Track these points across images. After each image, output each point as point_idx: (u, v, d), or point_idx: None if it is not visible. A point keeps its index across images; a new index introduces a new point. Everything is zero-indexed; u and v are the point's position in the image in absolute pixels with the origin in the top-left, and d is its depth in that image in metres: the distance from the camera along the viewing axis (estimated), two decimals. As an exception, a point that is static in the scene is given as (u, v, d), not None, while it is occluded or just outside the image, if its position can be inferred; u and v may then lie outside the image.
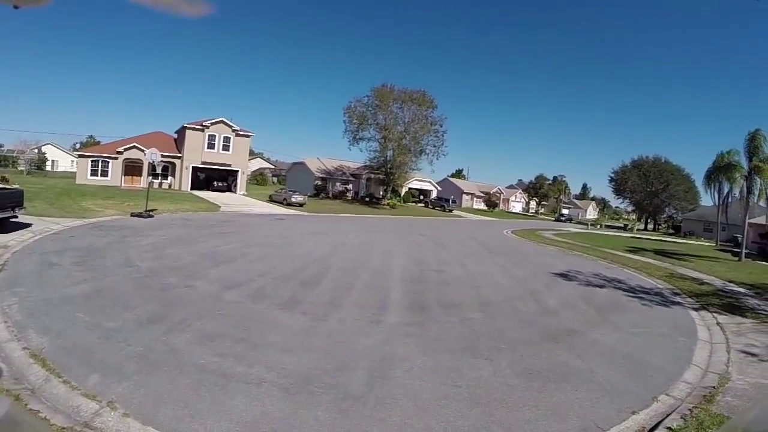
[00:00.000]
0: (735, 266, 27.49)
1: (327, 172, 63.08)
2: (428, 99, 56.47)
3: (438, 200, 71.60)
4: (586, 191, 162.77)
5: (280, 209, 39.45)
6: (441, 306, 10.67)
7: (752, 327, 12.29)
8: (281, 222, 28.54)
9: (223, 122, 48.89)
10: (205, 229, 21.00)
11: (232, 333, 7.49)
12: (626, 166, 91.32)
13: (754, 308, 14.77)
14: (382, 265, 15.61)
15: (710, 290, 17.60)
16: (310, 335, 7.76)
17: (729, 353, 9.64)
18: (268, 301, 9.67)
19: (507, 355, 7.61)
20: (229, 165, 49.73)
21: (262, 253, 15.67)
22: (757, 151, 30.87)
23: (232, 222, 25.53)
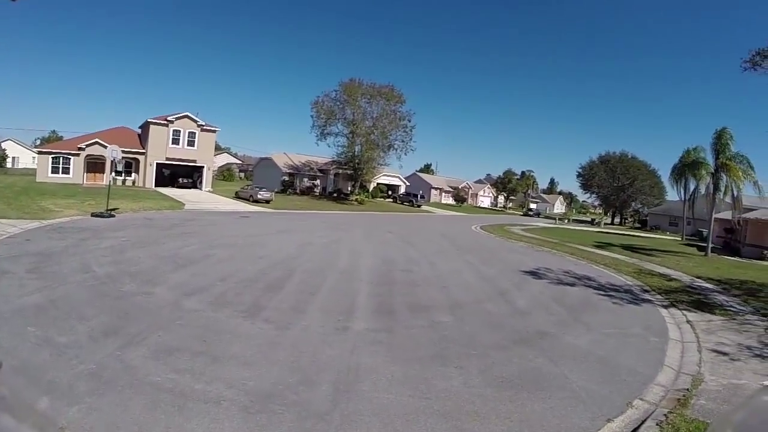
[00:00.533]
0: (702, 261, 28.23)
1: (294, 167, 62.52)
2: (397, 94, 56.92)
3: (406, 195, 71.89)
4: (554, 185, 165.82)
5: (246, 206, 38.85)
6: (409, 309, 10.43)
7: (722, 325, 12.47)
8: (246, 220, 27.90)
9: (188, 117, 48.02)
10: (167, 229, 20.29)
11: (191, 346, 7.07)
12: (594, 161, 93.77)
13: (722, 305, 15.05)
14: (350, 265, 15.30)
15: (679, 287, 17.91)
16: (274, 346, 7.39)
17: (700, 353, 9.71)
18: (230, 308, 9.24)
19: (478, 362, 7.41)
20: (194, 161, 48.97)
21: (225, 254, 15.15)
22: (724, 149, 31.96)
23: (196, 221, 24.80)
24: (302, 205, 46.03)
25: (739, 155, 31.75)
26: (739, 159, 31.58)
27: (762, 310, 14.65)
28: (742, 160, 31.43)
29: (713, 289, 18.20)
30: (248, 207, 38.35)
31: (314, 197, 56.96)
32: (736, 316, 13.66)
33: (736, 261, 31.20)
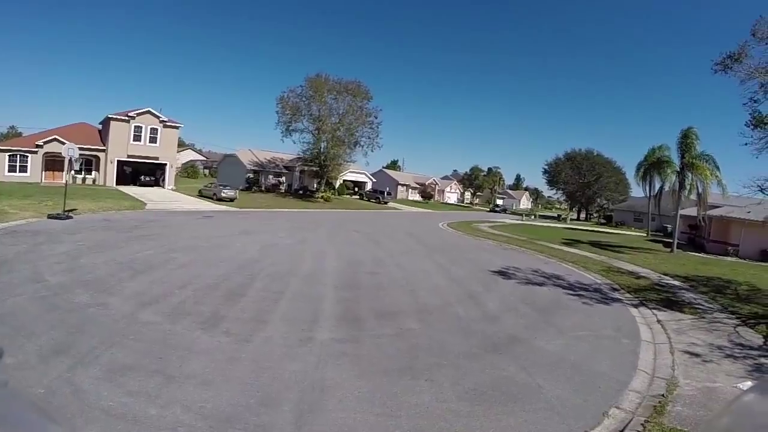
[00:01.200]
0: (668, 258, 28.87)
1: (259, 164, 61.62)
2: (363, 90, 56.71)
3: (373, 192, 71.75)
4: (520, 181, 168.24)
5: (210, 205, 38.01)
6: (376, 316, 10.12)
7: (692, 324, 12.62)
8: (209, 220, 27.05)
9: (150, 112, 46.77)
10: (126, 231, 19.41)
11: (146, 364, 6.58)
12: (560, 158, 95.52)
13: (691, 303, 15.28)
14: (314, 268, 14.89)
15: (647, 284, 18.15)
16: (233, 362, 6.96)
17: (673, 355, 9.74)
18: (188, 319, 8.73)
19: (448, 374, 7.17)
20: (156, 158, 47.78)
21: (185, 259, 14.52)
22: (690, 149, 33.08)
23: (157, 222, 23.87)
24: (267, 203, 45.27)
25: (705, 154, 32.93)
26: (705, 158, 32.66)
27: (730, 308, 14.94)
28: (708, 159, 32.56)
29: (681, 286, 18.52)
30: (212, 206, 37.42)
31: (279, 195, 56.17)
32: (705, 314, 13.86)
33: (701, 257, 32.06)
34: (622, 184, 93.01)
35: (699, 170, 32.47)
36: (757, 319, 13.74)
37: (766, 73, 14.93)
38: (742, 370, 9.18)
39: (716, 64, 15.94)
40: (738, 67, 15.34)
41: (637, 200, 75.01)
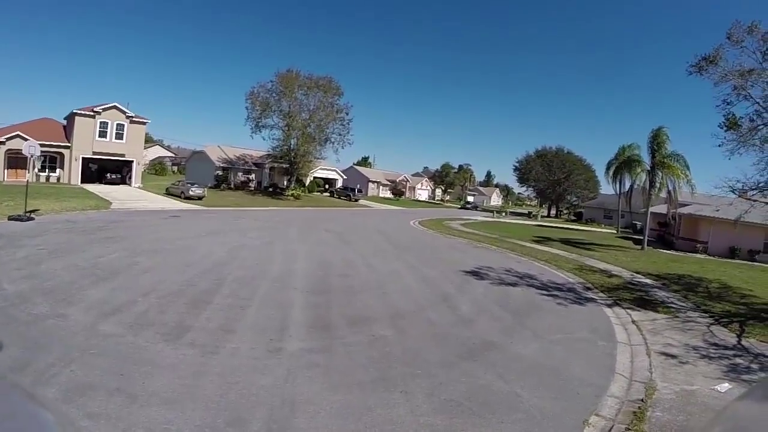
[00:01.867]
0: (639, 255, 29.37)
1: (228, 161, 60.53)
2: (334, 86, 56.26)
3: (344, 189, 71.62)
4: (491, 178, 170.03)
5: (177, 204, 37.20)
6: (348, 322, 9.85)
7: (666, 324, 12.73)
8: (176, 220, 26.27)
9: (116, 108, 45.31)
10: (90, 233, 18.61)
11: (107, 382, 6.14)
12: (530, 155, 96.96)
13: (664, 301, 15.46)
14: (283, 271, 14.51)
15: (620, 283, 18.34)
16: (199, 377, 6.59)
17: (650, 356, 9.77)
18: (152, 330, 8.28)
19: (423, 384, 6.95)
20: (122, 155, 46.46)
21: (150, 263, 13.94)
22: (660, 148, 33.90)
23: (122, 223, 23.03)
24: (236, 201, 44.53)
25: (676, 154, 33.86)
26: (675, 158, 33.54)
27: (702, 307, 15.17)
28: (678, 159, 33.41)
29: (653, 284, 18.77)
30: (179, 205, 36.59)
31: (249, 192, 55.32)
32: (678, 313, 14.03)
33: (671, 254, 32.77)
34: (592, 182, 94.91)
35: (670, 169, 33.37)
36: (729, 317, 13.97)
37: (740, 75, 15.20)
38: (718, 371, 9.25)
39: (691, 66, 16.23)
40: (713, 69, 15.63)
41: (606, 197, 76.47)
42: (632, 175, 37.44)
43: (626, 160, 38.05)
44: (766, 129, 15.62)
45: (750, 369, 9.61)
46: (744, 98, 15.48)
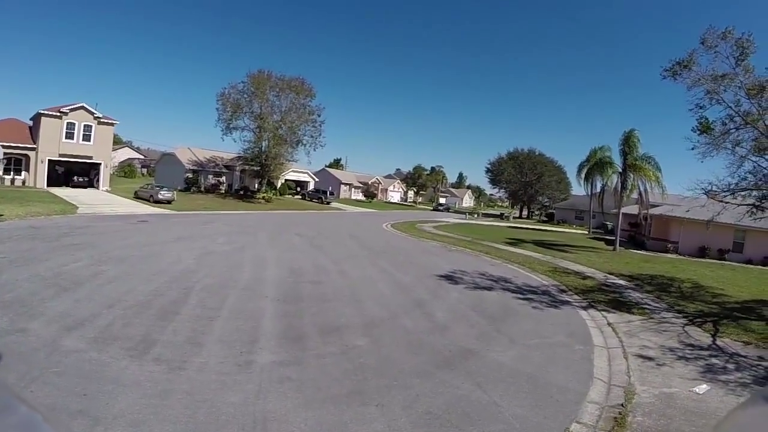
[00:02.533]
0: (611, 256, 29.80)
1: (199, 163, 59.66)
2: (307, 87, 56.37)
3: (315, 192, 71.45)
4: (463, 180, 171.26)
5: (146, 208, 36.63)
6: (320, 332, 9.60)
7: (641, 325, 12.85)
8: (144, 226, 25.54)
9: (83, 108, 44.29)
10: (54, 240, 17.89)
11: (69, 403, 5.77)
12: (502, 157, 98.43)
13: (638, 303, 15.65)
14: (253, 278, 14.17)
15: (594, 285, 18.51)
16: (166, 395, 6.26)
17: (627, 359, 9.81)
18: (116, 345, 7.87)
19: (400, 396, 6.78)
20: (90, 157, 45.43)
21: (116, 271, 13.42)
22: (632, 150, 34.69)
23: (89, 228, 22.28)
24: (206, 204, 43.92)
25: (647, 156, 34.76)
26: (647, 160, 34.40)
27: (676, 307, 15.41)
28: (649, 161, 34.22)
29: (627, 285, 19.02)
30: (148, 209, 35.94)
31: (219, 195, 54.81)
32: (653, 314, 14.20)
33: (643, 254, 33.39)
34: (563, 183, 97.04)
35: (642, 171, 34.29)
36: (703, 317, 14.20)
37: (713, 80, 15.55)
38: (695, 372, 9.35)
39: (665, 70, 16.54)
40: (686, 73, 15.96)
41: (578, 198, 77.78)
42: (604, 177, 38.30)
43: (598, 162, 38.86)
44: (737, 132, 16.00)
45: (726, 369, 9.73)
46: (717, 102, 15.84)
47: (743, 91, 15.25)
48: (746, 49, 14.88)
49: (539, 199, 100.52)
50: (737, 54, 14.98)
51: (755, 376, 9.48)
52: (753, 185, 16.37)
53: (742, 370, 9.71)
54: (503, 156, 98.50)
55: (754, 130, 15.47)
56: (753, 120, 15.31)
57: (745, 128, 15.74)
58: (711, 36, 15.15)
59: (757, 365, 10.22)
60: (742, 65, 15.06)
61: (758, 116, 15.19)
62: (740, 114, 15.57)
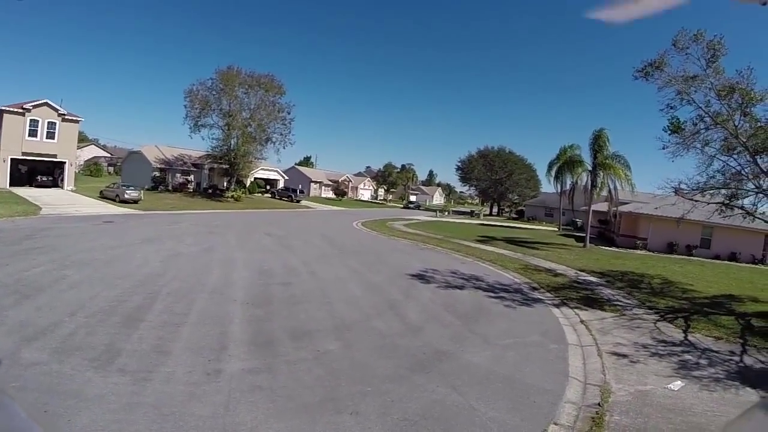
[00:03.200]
0: (582, 253, 30.21)
1: (166, 162, 58.48)
2: (276, 84, 55.91)
3: (285, 190, 71.09)
4: (433, 177, 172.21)
5: (112, 208, 35.67)
6: (291, 336, 9.36)
7: (614, 322, 12.98)
8: (110, 227, 24.75)
9: (47, 105, 42.94)
10: (15, 243, 17.12)
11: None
12: (473, 155, 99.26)
13: (610, 299, 15.82)
14: (222, 281, 13.81)
15: (566, 282, 18.68)
16: (131, 409, 5.92)
17: (601, 357, 9.86)
18: (79, 356, 7.46)
19: (375, 403, 6.62)
20: (54, 155, 44.16)
21: (79, 276, 12.87)
22: (602, 149, 35.50)
23: (52, 230, 21.44)
24: (174, 204, 43.09)
25: (617, 155, 35.65)
26: (616, 158, 35.28)
27: (647, 303, 15.63)
28: (619, 159, 35.03)
29: (598, 282, 19.24)
30: (114, 209, 35.02)
31: (188, 194, 53.83)
32: (625, 311, 14.36)
33: (613, 251, 33.99)
34: (533, 181, 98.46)
35: (611, 169, 35.02)
36: (674, 313, 14.43)
37: (683, 81, 15.93)
38: (669, 368, 9.46)
39: (637, 71, 16.89)
40: (658, 74, 16.33)
41: (548, 196, 78.83)
42: (573, 175, 39.03)
43: (568, 160, 39.58)
44: (707, 132, 16.46)
45: (699, 365, 9.87)
46: (687, 103, 16.28)
47: (713, 92, 15.66)
48: (717, 52, 15.30)
49: (509, 196, 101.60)
50: (708, 56, 15.37)
51: (728, 371, 9.63)
52: (721, 184, 16.79)
53: (714, 366, 9.86)
54: (473, 154, 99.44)
55: (724, 130, 15.89)
56: (723, 120, 15.74)
57: (714, 128, 16.19)
58: (683, 38, 15.50)
59: (729, 360, 10.40)
60: (712, 67, 15.46)
61: (728, 117, 15.63)
62: (710, 114, 16.01)
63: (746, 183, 16.40)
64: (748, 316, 14.55)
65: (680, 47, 15.58)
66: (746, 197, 16.99)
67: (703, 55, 15.42)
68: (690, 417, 7.19)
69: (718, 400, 7.95)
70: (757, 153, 15.29)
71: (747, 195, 16.85)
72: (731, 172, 16.50)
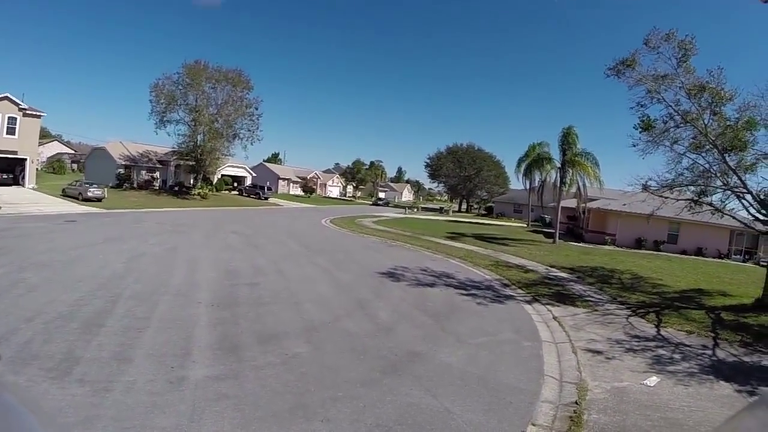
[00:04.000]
0: (552, 249, 30.44)
1: (131, 158, 56.79)
2: (244, 79, 55.32)
3: (253, 188, 70.41)
4: (401, 174, 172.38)
5: (75, 206, 34.59)
6: (258, 340, 8.99)
7: (587, 318, 13.00)
8: (72, 226, 23.78)
9: (7, 99, 41.19)
10: None
11: None
12: (441, 152, 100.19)
13: (581, 295, 15.88)
14: (186, 282, 13.30)
15: (537, 278, 18.72)
16: (90, 423, 5.48)
17: (576, 354, 9.80)
18: (36, 365, 6.94)
19: (346, 409, 6.33)
20: (15, 152, 42.40)
21: (37, 279, 12.17)
22: (571, 146, 35.99)
23: (11, 230, 20.45)
24: (139, 202, 42.11)
25: (586, 152, 36.16)
26: (585, 155, 35.77)
27: (618, 298, 15.74)
28: (588, 157, 35.46)
29: (569, 278, 19.33)
30: (77, 207, 33.98)
31: (153, 192, 52.78)
32: (597, 306, 14.41)
33: (582, 247, 34.44)
34: (501, 177, 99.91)
35: (580, 166, 35.55)
36: (645, 308, 14.55)
37: (654, 80, 16.17)
38: (644, 364, 9.47)
39: (609, 69, 17.12)
40: (629, 72, 16.55)
41: (516, 193, 79.86)
42: (542, 172, 39.51)
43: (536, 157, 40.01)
44: (676, 131, 16.77)
45: (673, 359, 9.92)
46: (657, 101, 16.56)
47: (684, 91, 15.94)
48: (688, 51, 15.59)
49: (478, 193, 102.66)
50: (679, 55, 15.65)
51: (701, 365, 9.70)
52: (690, 181, 17.08)
53: (688, 360, 9.91)
54: (443, 151, 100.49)
55: (693, 128, 16.14)
56: (692, 119, 16.00)
57: (684, 126, 16.43)
58: (654, 37, 15.77)
59: (702, 354, 10.48)
60: (683, 66, 15.73)
61: (698, 115, 15.88)
62: (679, 113, 16.27)
63: (714, 180, 16.68)
64: (718, 310, 14.80)
65: (652, 46, 15.83)
66: (714, 194, 17.31)
67: (674, 54, 15.71)
68: (667, 413, 7.15)
69: (693, 395, 7.94)
70: (726, 151, 15.55)
71: (715, 192, 17.17)
72: (699, 170, 16.79)
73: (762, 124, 15.44)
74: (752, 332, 12.46)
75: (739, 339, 11.72)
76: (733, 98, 15.39)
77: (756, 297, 15.85)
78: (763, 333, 12.47)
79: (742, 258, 36.75)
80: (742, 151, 15.67)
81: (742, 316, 14.12)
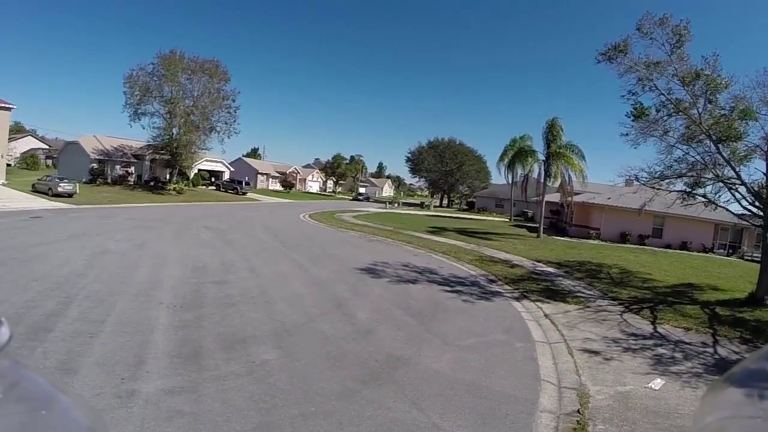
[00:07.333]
0: (536, 244, 29.95)
1: (105, 153, 55.07)
2: (221, 71, 54.18)
3: (230, 182, 69.07)
4: (382, 169, 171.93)
5: (43, 202, 33.11)
6: (222, 345, 8.05)
7: (579, 315, 12.39)
8: (37, 222, 22.47)
9: None
10: None
11: None
12: (423, 147, 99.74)
13: (571, 291, 15.30)
14: (149, 281, 12.24)
15: (524, 273, 18.11)
16: None
17: (573, 355, 9.17)
18: None
19: (319, 428, 5.46)
20: None
21: None
22: (556, 138, 35.36)
23: None
24: (112, 197, 40.73)
25: (571, 144, 35.57)
26: (570, 148, 35.24)
27: (609, 294, 15.21)
28: (573, 149, 34.94)
29: (557, 273, 18.77)
30: (46, 203, 32.56)
31: (128, 187, 51.26)
32: (588, 303, 13.83)
33: (567, 241, 34.01)
34: (483, 172, 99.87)
35: (565, 159, 35.02)
36: (639, 304, 14.01)
37: (645, 67, 15.64)
38: (645, 365, 8.88)
39: (601, 54, 16.55)
40: (621, 59, 15.97)
41: (498, 187, 79.67)
42: (525, 166, 38.96)
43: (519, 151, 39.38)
44: (668, 120, 16.30)
45: (675, 359, 9.35)
46: (649, 89, 16.01)
47: (676, 79, 15.41)
48: (683, 37, 15.06)
49: (460, 188, 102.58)
50: (673, 41, 15.10)
51: (705, 364, 9.14)
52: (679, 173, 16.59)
53: (691, 359, 9.35)
54: (424, 145, 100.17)
55: (686, 118, 15.66)
56: (685, 108, 15.51)
57: (676, 116, 15.94)
58: (647, 22, 15.18)
59: (704, 352, 9.93)
60: (677, 53, 15.18)
61: (691, 104, 15.42)
62: (672, 101, 15.74)
63: (706, 172, 16.20)
64: (712, 305, 14.34)
65: (644, 32, 15.30)
66: (706, 186, 16.85)
67: (668, 40, 15.16)
68: (678, 420, 6.50)
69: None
70: (720, 141, 15.05)
71: (707, 184, 16.71)
72: (691, 161, 16.33)
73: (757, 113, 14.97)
74: (750, 328, 12.02)
75: (738, 335, 11.25)
76: (729, 86, 14.88)
77: (749, 291, 15.38)
78: (760, 328, 12.04)
79: (726, 252, 36.77)
80: (737, 142, 15.20)
81: (737, 311, 13.65)
